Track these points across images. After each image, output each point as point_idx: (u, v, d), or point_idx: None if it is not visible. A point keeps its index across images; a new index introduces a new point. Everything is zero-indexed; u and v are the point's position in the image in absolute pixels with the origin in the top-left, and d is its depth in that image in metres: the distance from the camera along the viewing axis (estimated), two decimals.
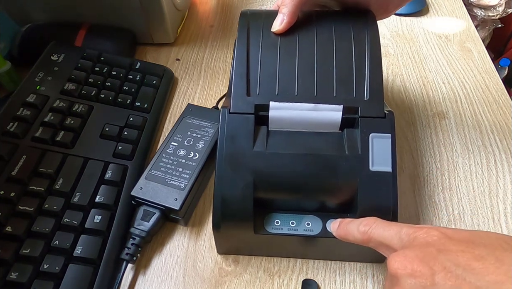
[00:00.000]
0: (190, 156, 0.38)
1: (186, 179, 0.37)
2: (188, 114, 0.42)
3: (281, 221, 0.33)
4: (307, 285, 0.34)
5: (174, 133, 0.40)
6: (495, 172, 0.42)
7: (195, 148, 0.39)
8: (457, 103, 0.49)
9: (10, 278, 0.31)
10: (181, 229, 0.38)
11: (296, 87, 0.33)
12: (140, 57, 0.54)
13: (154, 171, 0.37)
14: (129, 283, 0.35)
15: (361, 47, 0.34)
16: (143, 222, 0.36)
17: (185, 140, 0.40)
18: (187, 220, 0.38)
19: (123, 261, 0.34)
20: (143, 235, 0.35)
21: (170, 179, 0.37)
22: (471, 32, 0.59)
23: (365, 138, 0.32)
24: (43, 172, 0.37)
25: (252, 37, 0.35)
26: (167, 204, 0.35)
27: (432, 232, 0.23)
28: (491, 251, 0.20)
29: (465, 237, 0.22)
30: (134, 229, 0.35)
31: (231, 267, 0.36)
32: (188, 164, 0.38)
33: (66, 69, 0.45)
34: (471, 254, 0.20)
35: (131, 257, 0.34)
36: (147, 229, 0.35)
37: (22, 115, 0.40)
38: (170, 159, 0.38)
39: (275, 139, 0.32)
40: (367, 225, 0.27)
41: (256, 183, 0.31)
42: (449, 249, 0.21)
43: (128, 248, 0.35)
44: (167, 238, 0.38)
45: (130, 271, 0.35)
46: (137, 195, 0.36)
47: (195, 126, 0.41)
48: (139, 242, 0.35)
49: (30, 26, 0.52)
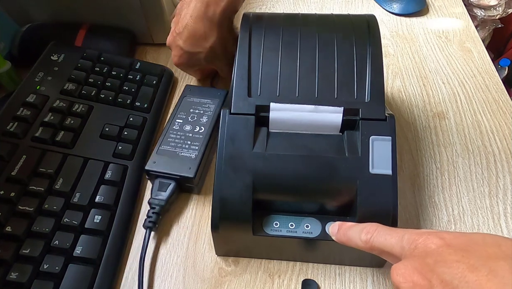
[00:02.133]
0: (196, 130, 0.41)
1: (196, 150, 0.39)
2: (188, 94, 0.45)
3: (280, 223, 0.33)
4: (307, 285, 0.34)
5: (177, 112, 0.43)
6: (495, 172, 0.42)
7: (199, 122, 0.42)
8: (457, 103, 0.49)
9: (10, 278, 0.31)
10: (181, 229, 0.38)
11: (297, 89, 0.33)
12: (140, 57, 0.54)
13: (164, 146, 0.40)
14: (128, 284, 0.35)
15: (362, 49, 0.34)
16: (160, 192, 0.38)
17: (189, 117, 0.42)
18: (200, 188, 0.41)
19: (146, 229, 0.36)
20: (162, 204, 0.37)
21: (180, 152, 0.39)
22: (471, 32, 0.59)
23: (366, 141, 0.32)
24: (43, 172, 0.37)
25: (254, 39, 0.35)
26: (182, 173, 0.38)
27: (431, 239, 0.23)
28: (484, 261, 0.21)
29: (462, 244, 0.22)
30: (153, 200, 0.37)
31: (231, 267, 0.36)
32: (195, 137, 0.40)
33: (66, 69, 0.45)
34: (466, 265, 0.21)
35: (154, 225, 0.36)
36: (165, 198, 0.37)
37: (22, 115, 0.40)
38: (177, 134, 0.41)
39: (275, 140, 0.32)
40: (369, 233, 0.27)
41: (255, 184, 0.31)
42: (445, 259, 0.22)
43: (150, 217, 0.37)
44: (168, 237, 0.38)
45: (130, 271, 0.36)
46: (151, 169, 0.38)
47: (196, 103, 0.44)
48: (159, 210, 0.37)
49: (30, 26, 0.52)
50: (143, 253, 0.35)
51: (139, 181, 0.41)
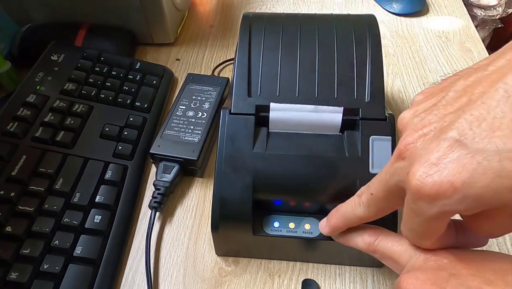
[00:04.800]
0: (198, 116, 0.42)
1: (199, 134, 0.40)
2: (190, 82, 0.46)
3: (280, 223, 0.33)
4: (307, 285, 0.34)
5: (180, 99, 0.44)
6: None
7: (202, 108, 0.43)
8: None
9: (10, 278, 0.31)
10: (181, 228, 0.38)
11: (297, 89, 0.33)
12: (140, 57, 0.54)
13: (168, 130, 0.41)
14: (129, 284, 0.35)
15: (362, 49, 0.34)
16: (165, 174, 0.39)
17: (191, 103, 0.43)
18: (203, 171, 0.42)
19: (152, 210, 0.37)
20: (167, 185, 0.38)
21: (183, 136, 0.40)
22: (471, 32, 0.59)
23: (365, 141, 0.32)
24: (43, 172, 0.37)
25: (254, 39, 0.35)
26: (185, 156, 0.39)
27: (443, 254, 0.23)
28: (500, 276, 0.20)
29: (475, 260, 0.22)
30: (158, 182, 0.39)
31: (231, 267, 0.36)
32: (198, 122, 0.42)
33: (66, 69, 0.45)
34: (482, 278, 0.20)
35: (159, 205, 0.38)
36: (170, 180, 0.39)
37: (22, 115, 0.40)
38: (180, 120, 0.42)
39: (275, 140, 0.32)
40: (373, 236, 0.26)
41: (255, 184, 0.31)
42: (460, 273, 0.21)
43: (155, 197, 0.38)
44: (168, 236, 0.38)
45: (130, 271, 0.36)
46: (156, 152, 0.39)
47: (198, 91, 0.45)
48: (163, 191, 0.38)
49: (30, 26, 0.52)
50: (149, 232, 0.36)
51: (139, 181, 0.41)
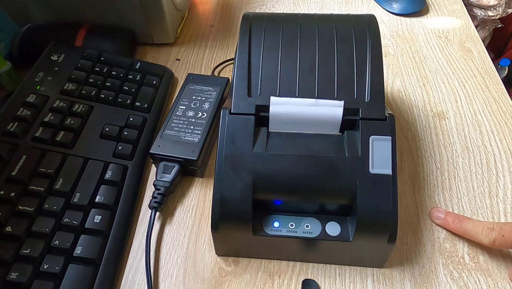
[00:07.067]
0: (198, 116, 0.42)
1: (199, 134, 0.40)
2: (190, 82, 0.46)
3: (280, 223, 0.33)
4: (307, 285, 0.34)
5: (180, 99, 0.44)
6: (495, 172, 0.42)
7: (202, 109, 0.43)
8: (457, 103, 0.49)
9: (10, 278, 0.31)
10: (181, 228, 0.38)
11: (297, 89, 0.33)
12: (140, 57, 0.54)
13: (168, 130, 0.41)
14: (129, 284, 0.35)
15: (362, 49, 0.34)
16: (165, 174, 0.39)
17: (191, 104, 0.43)
18: (203, 172, 0.42)
19: (152, 210, 0.37)
20: (167, 185, 0.38)
21: (184, 136, 0.40)
22: (471, 32, 0.59)
23: (366, 141, 0.32)
24: (43, 172, 0.37)
25: (254, 39, 0.35)
26: (185, 156, 0.39)
27: None
28: None
29: None
30: (158, 181, 0.39)
31: (231, 267, 0.36)
32: (198, 122, 0.42)
33: (66, 69, 0.45)
34: None
35: (159, 205, 0.37)
36: (170, 180, 0.39)
37: (22, 115, 0.40)
38: (180, 120, 0.42)
39: (275, 140, 0.32)
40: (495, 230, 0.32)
41: (255, 184, 0.31)
42: None
43: (155, 197, 0.38)
44: (168, 236, 0.38)
45: (130, 271, 0.36)
46: (156, 152, 0.39)
47: (198, 91, 0.45)
48: (164, 191, 0.38)
49: (30, 26, 0.52)
50: (149, 232, 0.36)
51: (139, 181, 0.41)
